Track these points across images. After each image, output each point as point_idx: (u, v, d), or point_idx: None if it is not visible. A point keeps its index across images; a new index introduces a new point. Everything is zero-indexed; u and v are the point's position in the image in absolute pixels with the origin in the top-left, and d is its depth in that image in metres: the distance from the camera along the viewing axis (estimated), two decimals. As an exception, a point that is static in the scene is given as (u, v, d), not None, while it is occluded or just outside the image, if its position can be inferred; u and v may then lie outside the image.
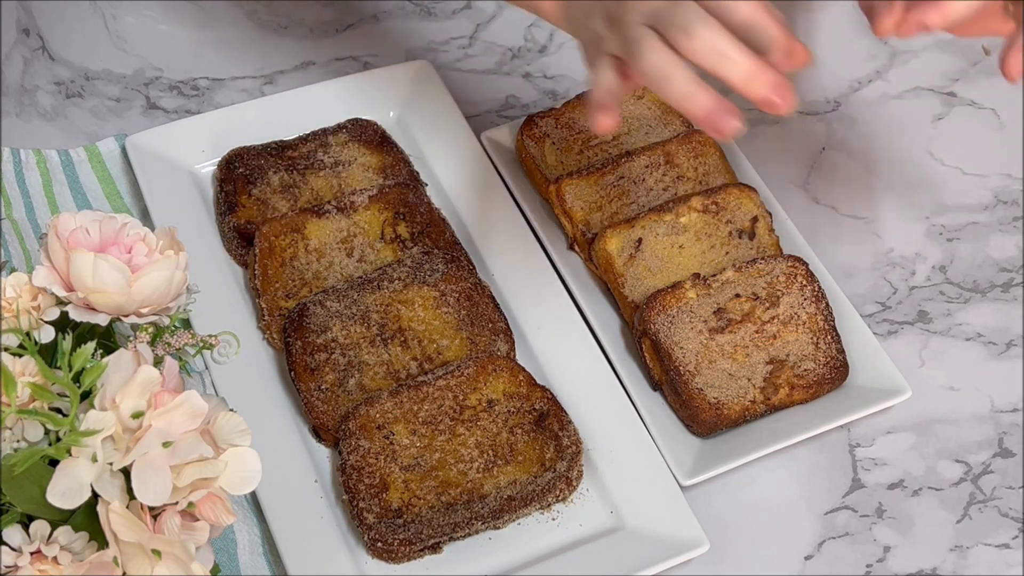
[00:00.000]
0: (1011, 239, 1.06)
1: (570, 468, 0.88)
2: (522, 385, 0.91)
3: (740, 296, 0.94)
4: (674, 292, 0.94)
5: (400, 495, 0.86)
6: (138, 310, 0.74)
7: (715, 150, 1.04)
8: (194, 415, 0.64)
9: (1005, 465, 0.93)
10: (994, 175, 1.10)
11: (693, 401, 0.91)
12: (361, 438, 0.88)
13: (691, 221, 0.99)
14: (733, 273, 0.95)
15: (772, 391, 0.92)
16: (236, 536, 0.86)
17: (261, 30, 1.19)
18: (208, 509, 0.64)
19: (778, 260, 0.95)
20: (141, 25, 1.18)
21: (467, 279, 0.97)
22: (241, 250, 1.00)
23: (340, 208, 1.00)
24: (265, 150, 1.05)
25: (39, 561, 0.63)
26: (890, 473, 0.93)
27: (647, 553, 0.85)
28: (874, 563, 0.88)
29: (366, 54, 1.17)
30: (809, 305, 0.94)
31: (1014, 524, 0.90)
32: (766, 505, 0.91)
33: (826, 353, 0.93)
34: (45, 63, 1.15)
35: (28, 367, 0.65)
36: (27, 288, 0.72)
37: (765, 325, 0.93)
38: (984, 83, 1.16)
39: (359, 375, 0.92)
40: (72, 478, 0.61)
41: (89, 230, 0.74)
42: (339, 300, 0.94)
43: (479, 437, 0.89)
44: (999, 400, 0.97)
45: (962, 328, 1.00)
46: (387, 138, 1.07)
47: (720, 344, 0.92)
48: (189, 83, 1.14)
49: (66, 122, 1.11)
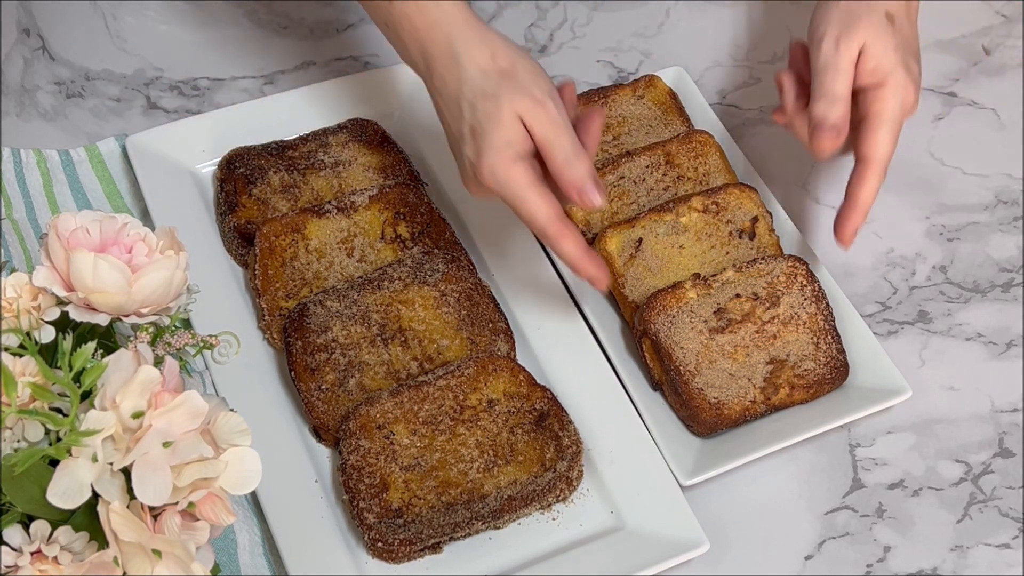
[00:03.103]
0: (1011, 239, 1.06)
1: (570, 468, 0.88)
2: (522, 385, 0.91)
3: (740, 296, 0.94)
4: (674, 292, 0.94)
5: (400, 495, 0.86)
6: (138, 310, 0.74)
7: (715, 150, 1.04)
8: (194, 415, 0.64)
9: (1005, 465, 0.93)
10: (994, 175, 1.10)
11: (693, 401, 0.91)
12: (361, 438, 0.88)
13: (691, 221, 0.99)
14: (733, 273, 0.95)
15: (772, 391, 0.92)
16: (236, 536, 0.86)
17: (261, 30, 1.19)
18: (208, 509, 0.64)
19: (778, 260, 0.95)
20: (141, 25, 1.18)
21: (467, 279, 0.97)
22: (241, 250, 1.00)
23: (340, 208, 1.00)
24: (265, 150, 1.05)
25: (39, 561, 0.63)
26: (890, 473, 0.93)
27: (647, 553, 0.85)
28: (874, 563, 0.88)
29: (366, 54, 1.17)
30: (809, 305, 0.94)
31: (1014, 524, 0.90)
32: (766, 505, 0.91)
33: (826, 353, 0.93)
34: (45, 63, 1.15)
35: (28, 367, 0.65)
36: (27, 288, 0.72)
37: (765, 325, 0.93)
38: (984, 83, 1.16)
39: (359, 375, 0.92)
40: (72, 478, 0.61)
41: (89, 230, 0.74)
42: (339, 300, 0.94)
43: (479, 437, 0.89)
44: (999, 400, 0.97)
45: (962, 328, 1.00)
46: (387, 138, 1.07)
47: (720, 344, 0.92)
48: (189, 83, 1.14)
49: (66, 122, 1.11)
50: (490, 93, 0.84)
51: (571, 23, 1.20)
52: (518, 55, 0.87)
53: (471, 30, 0.87)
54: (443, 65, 0.87)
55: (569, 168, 0.84)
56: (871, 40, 0.89)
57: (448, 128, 0.89)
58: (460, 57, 0.86)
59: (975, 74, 1.17)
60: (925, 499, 0.91)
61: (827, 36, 0.90)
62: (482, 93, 0.85)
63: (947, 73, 1.17)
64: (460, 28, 0.86)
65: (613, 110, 1.08)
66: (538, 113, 0.84)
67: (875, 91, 0.90)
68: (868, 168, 0.90)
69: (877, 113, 0.89)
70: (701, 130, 1.05)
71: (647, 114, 1.08)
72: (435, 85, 0.88)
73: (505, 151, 0.84)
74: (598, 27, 1.20)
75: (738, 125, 1.13)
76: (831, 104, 0.89)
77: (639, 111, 1.08)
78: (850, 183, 0.92)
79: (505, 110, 0.84)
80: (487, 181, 0.85)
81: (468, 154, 0.86)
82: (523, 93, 0.84)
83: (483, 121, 0.84)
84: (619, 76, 1.16)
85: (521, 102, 0.84)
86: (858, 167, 0.91)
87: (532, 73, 0.86)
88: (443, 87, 0.87)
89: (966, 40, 1.19)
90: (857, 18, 0.90)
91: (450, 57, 0.86)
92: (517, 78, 0.85)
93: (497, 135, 0.84)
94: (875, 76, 0.89)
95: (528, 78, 0.85)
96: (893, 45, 0.90)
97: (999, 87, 1.16)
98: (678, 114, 1.08)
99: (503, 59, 0.86)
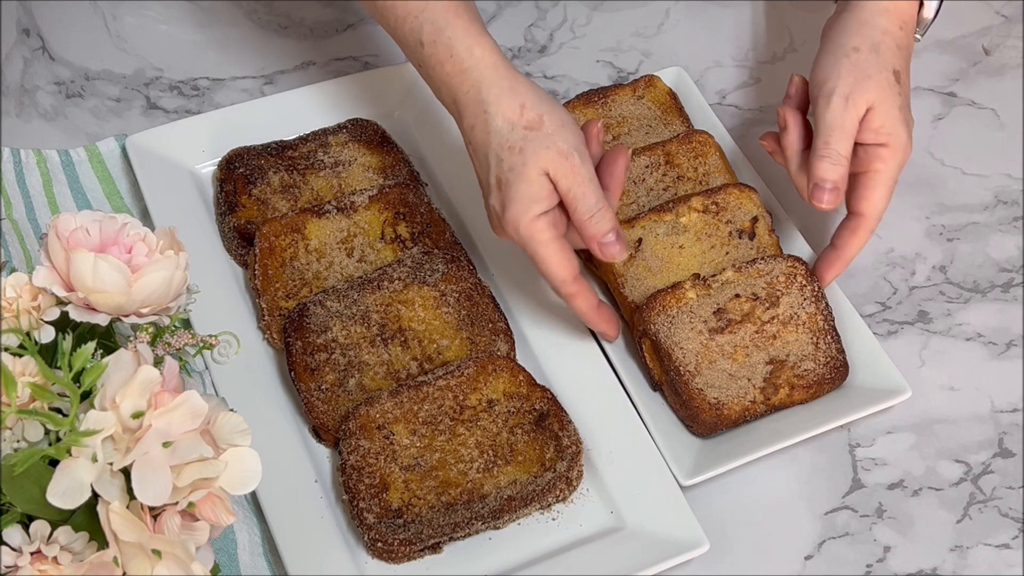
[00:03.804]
0: (1011, 239, 1.06)
1: (570, 468, 0.88)
2: (522, 385, 0.91)
3: (740, 296, 0.94)
4: (674, 292, 0.94)
5: (400, 495, 0.86)
6: (138, 310, 0.74)
7: (715, 150, 1.04)
8: (194, 415, 0.64)
9: (1005, 465, 0.93)
10: (994, 175, 1.10)
11: (693, 401, 0.91)
12: (361, 438, 0.88)
13: (691, 221, 0.99)
14: (733, 273, 0.95)
15: (772, 391, 0.92)
16: (236, 536, 0.86)
17: (261, 30, 1.19)
18: (208, 509, 0.64)
19: (778, 260, 0.95)
20: (141, 25, 1.18)
21: (467, 279, 0.97)
22: (241, 250, 1.00)
23: (340, 208, 1.00)
24: (265, 150, 1.05)
25: (39, 561, 0.63)
26: (890, 473, 0.93)
27: (647, 553, 0.85)
28: (874, 563, 0.88)
29: (366, 54, 1.17)
30: (809, 305, 0.94)
31: (1014, 524, 0.90)
32: (766, 505, 0.91)
33: (826, 353, 0.93)
34: (45, 63, 1.15)
35: (28, 367, 0.65)
36: (27, 288, 0.72)
37: (765, 325, 0.93)
38: (984, 83, 1.16)
39: (359, 375, 0.92)
40: (72, 478, 0.61)
41: (89, 230, 0.74)
42: (339, 300, 0.94)
43: (479, 437, 0.89)
44: (999, 400, 0.97)
45: (962, 328, 1.00)
46: (387, 138, 1.07)
47: (720, 344, 0.92)
48: (189, 83, 1.14)
49: (66, 122, 1.11)
50: (517, 147, 0.86)
51: (571, 23, 1.20)
52: (547, 106, 0.87)
53: (501, 80, 0.87)
54: (472, 114, 0.88)
55: (591, 223, 0.86)
56: (879, 101, 0.91)
57: (477, 174, 0.90)
58: (489, 108, 0.87)
59: (975, 74, 1.17)
60: (925, 499, 0.91)
61: (837, 92, 0.91)
62: (509, 147, 0.86)
63: (947, 73, 1.17)
64: (490, 78, 0.87)
65: (613, 110, 1.08)
66: (563, 167, 0.85)
67: (877, 149, 0.92)
68: (861, 224, 0.94)
69: (877, 171, 0.92)
70: (701, 130, 1.05)
71: (647, 114, 1.08)
72: (465, 131, 0.89)
73: (529, 207, 0.86)
74: (598, 27, 1.20)
75: (738, 125, 1.13)
76: (834, 165, 0.91)
77: (639, 111, 1.08)
78: (840, 233, 0.95)
79: (530, 165, 0.85)
80: (510, 233, 0.87)
81: (494, 204, 0.88)
82: (549, 147, 0.85)
83: (509, 175, 0.86)
84: (619, 76, 1.17)
85: (546, 156, 0.85)
86: (851, 220, 0.95)
87: (559, 125, 0.87)
88: (472, 136, 0.88)
89: (966, 40, 1.19)
90: (867, 76, 0.91)
91: (479, 107, 0.87)
92: (544, 131, 0.86)
93: (522, 190, 0.85)
94: (879, 136, 0.92)
95: (555, 130, 0.86)
96: (898, 105, 0.92)
97: (999, 87, 1.16)
98: (678, 114, 1.08)
99: (531, 111, 0.86)
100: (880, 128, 0.91)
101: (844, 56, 0.93)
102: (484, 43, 0.88)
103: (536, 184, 0.86)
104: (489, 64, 0.88)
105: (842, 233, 0.95)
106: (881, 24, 0.94)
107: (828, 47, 0.95)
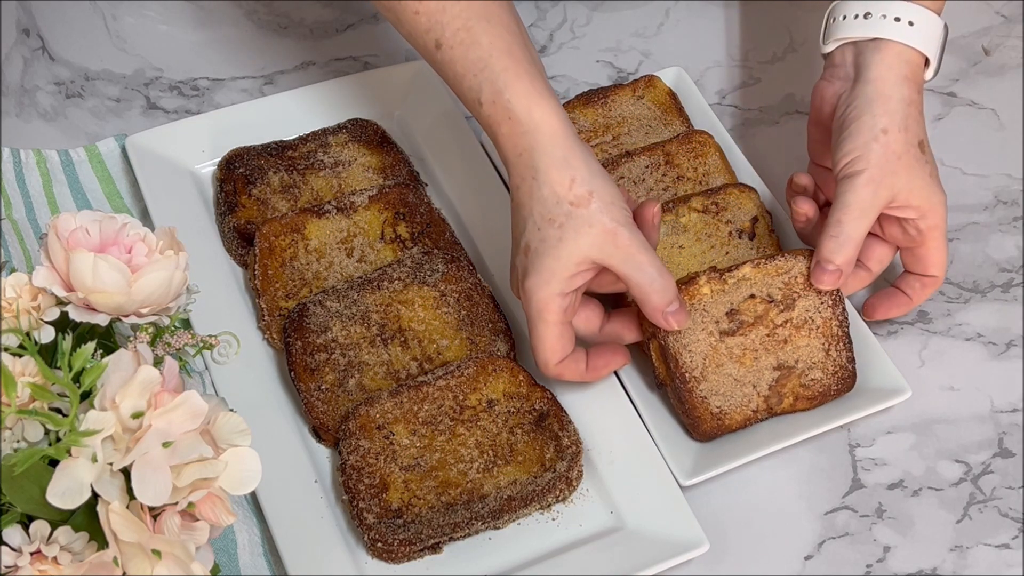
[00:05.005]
0: (1011, 239, 1.06)
1: (570, 468, 0.88)
2: (522, 385, 0.91)
3: (755, 297, 0.91)
4: (687, 288, 0.90)
5: (400, 495, 0.86)
6: (138, 310, 0.74)
7: (715, 150, 1.04)
8: (194, 415, 0.64)
9: (1005, 465, 0.93)
10: (994, 175, 1.10)
11: (696, 411, 0.90)
12: (361, 438, 0.88)
13: (691, 221, 0.98)
14: (751, 269, 0.91)
15: (776, 400, 0.91)
16: (236, 536, 0.86)
17: (261, 30, 1.19)
18: (208, 509, 0.64)
19: (798, 258, 0.92)
20: (141, 25, 1.18)
21: (467, 279, 0.97)
22: (241, 250, 1.00)
23: (340, 208, 1.00)
24: (265, 150, 1.05)
25: (39, 561, 0.63)
26: (890, 473, 0.93)
27: (647, 553, 0.85)
28: (874, 563, 0.88)
29: (366, 54, 1.17)
30: (825, 309, 0.92)
31: (1014, 524, 0.90)
32: (766, 505, 0.91)
33: (836, 362, 0.91)
34: (45, 63, 1.15)
35: (28, 367, 0.65)
36: (27, 288, 0.72)
37: (777, 328, 0.91)
38: (984, 83, 1.16)
39: (359, 375, 0.92)
40: (72, 478, 0.61)
41: (89, 230, 0.74)
42: (339, 300, 0.94)
43: (479, 437, 0.89)
44: (999, 400, 0.96)
45: (962, 328, 1.00)
46: (387, 138, 1.07)
47: (729, 347, 0.90)
48: (189, 83, 1.14)
49: (66, 122, 1.11)
50: (557, 222, 0.84)
51: (571, 23, 1.20)
52: (598, 181, 0.85)
53: (556, 149, 0.85)
54: (519, 175, 0.86)
55: (655, 294, 0.85)
56: (907, 180, 0.91)
57: (512, 227, 0.89)
58: (539, 174, 0.85)
59: (975, 74, 1.17)
60: (925, 499, 0.91)
61: (864, 176, 0.90)
62: (550, 219, 0.84)
63: (947, 73, 1.17)
64: (546, 144, 0.85)
65: (613, 110, 1.08)
66: (608, 245, 0.84)
67: (918, 222, 0.93)
68: (934, 283, 0.97)
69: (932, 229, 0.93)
70: (701, 130, 1.05)
71: (647, 114, 1.08)
72: (514, 185, 0.87)
73: (550, 282, 0.84)
74: (598, 27, 1.20)
75: (738, 125, 1.13)
76: (841, 246, 0.89)
77: (639, 111, 1.08)
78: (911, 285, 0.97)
79: (566, 243, 0.84)
80: (523, 298, 0.87)
81: (518, 265, 0.87)
82: (593, 225, 0.84)
83: (541, 245, 0.85)
84: (619, 76, 1.17)
85: (588, 236, 0.84)
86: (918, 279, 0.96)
87: (607, 202, 0.84)
88: (517, 194, 0.87)
89: (966, 40, 1.19)
90: (897, 157, 0.90)
91: (530, 169, 0.85)
92: (590, 208, 0.84)
93: (548, 264, 0.84)
94: (919, 211, 0.92)
95: (601, 207, 0.84)
96: (927, 173, 0.92)
97: (999, 87, 1.16)
98: (678, 114, 1.08)
99: (581, 186, 0.84)
100: (916, 205, 0.91)
101: (873, 140, 0.90)
102: (544, 105, 0.86)
103: (564, 263, 0.84)
104: (548, 129, 0.85)
105: (913, 285, 0.96)
106: (905, 95, 0.91)
107: (854, 127, 0.91)
